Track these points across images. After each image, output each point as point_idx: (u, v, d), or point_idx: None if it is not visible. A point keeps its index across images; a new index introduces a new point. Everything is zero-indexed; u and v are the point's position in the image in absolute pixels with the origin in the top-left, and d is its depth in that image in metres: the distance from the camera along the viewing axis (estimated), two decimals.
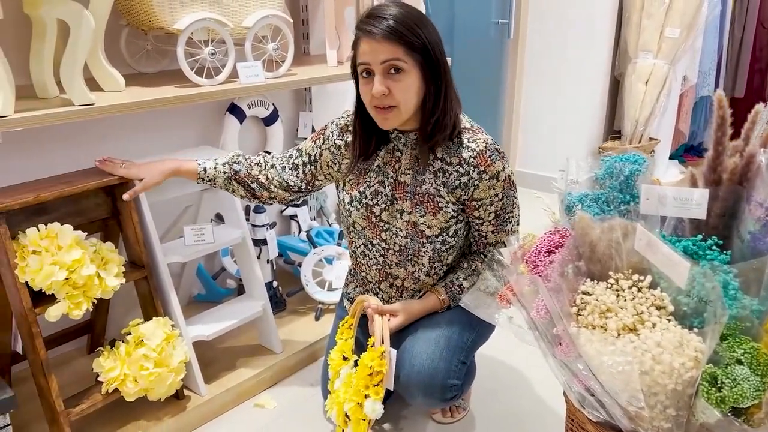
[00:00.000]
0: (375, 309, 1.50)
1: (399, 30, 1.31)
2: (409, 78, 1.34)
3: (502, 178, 1.44)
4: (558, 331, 1.02)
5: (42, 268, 1.37)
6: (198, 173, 1.59)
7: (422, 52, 1.33)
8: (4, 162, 1.64)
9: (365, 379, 1.42)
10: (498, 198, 1.46)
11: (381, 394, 1.41)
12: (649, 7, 3.30)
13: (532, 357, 1.51)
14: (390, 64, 1.32)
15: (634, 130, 3.50)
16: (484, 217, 1.48)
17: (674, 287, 0.97)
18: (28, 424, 1.57)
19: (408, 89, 1.35)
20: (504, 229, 1.51)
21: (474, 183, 1.43)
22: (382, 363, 1.41)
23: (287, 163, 1.62)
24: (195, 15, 1.60)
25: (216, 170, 1.60)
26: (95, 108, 1.41)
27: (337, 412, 1.47)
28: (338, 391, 1.48)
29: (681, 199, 1.03)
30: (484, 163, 1.42)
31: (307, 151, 1.60)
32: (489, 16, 3.50)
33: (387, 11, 1.33)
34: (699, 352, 0.90)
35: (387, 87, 1.34)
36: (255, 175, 1.61)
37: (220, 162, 1.61)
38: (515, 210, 1.52)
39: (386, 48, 1.31)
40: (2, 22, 1.28)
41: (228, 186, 1.62)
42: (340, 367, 1.51)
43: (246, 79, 1.71)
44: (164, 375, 1.53)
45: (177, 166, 1.58)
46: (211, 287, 2.17)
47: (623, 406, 0.96)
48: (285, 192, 1.62)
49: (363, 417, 1.42)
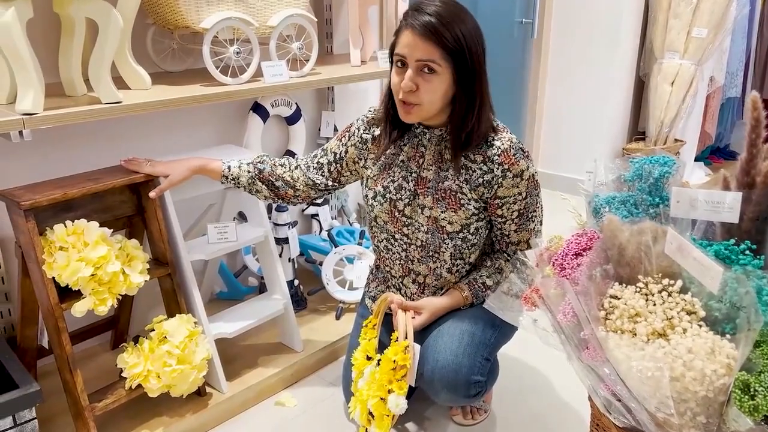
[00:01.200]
0: (399, 304, 1.50)
1: (439, 30, 1.30)
2: (439, 80, 1.34)
3: (526, 177, 1.43)
4: (585, 335, 1.00)
5: (69, 264, 1.39)
6: (222, 172, 1.60)
7: (458, 56, 1.33)
8: (32, 159, 1.67)
9: (389, 373, 1.42)
10: (521, 197, 1.45)
11: (405, 389, 1.41)
12: (676, 6, 3.25)
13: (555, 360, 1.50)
14: (424, 64, 1.33)
15: (659, 132, 3.46)
16: (507, 215, 1.47)
17: (706, 292, 0.95)
18: (53, 418, 1.59)
19: (435, 90, 1.35)
20: (527, 228, 1.50)
21: (498, 181, 1.43)
22: (406, 357, 1.41)
23: (312, 163, 1.63)
24: (221, 14, 1.60)
25: (240, 169, 1.61)
26: (122, 106, 1.43)
27: (360, 410, 1.46)
28: (362, 390, 1.47)
29: (713, 202, 1.01)
30: (509, 162, 1.41)
31: (332, 149, 1.62)
32: (513, 16, 3.47)
33: (432, 7, 1.32)
34: (731, 359, 0.88)
35: (416, 84, 1.34)
36: (280, 174, 1.62)
37: (245, 162, 1.62)
38: (538, 209, 1.51)
39: (424, 47, 1.32)
40: (32, 21, 1.29)
41: (251, 186, 1.63)
42: (364, 367, 1.51)
43: (270, 78, 1.72)
44: (187, 372, 1.54)
45: (202, 165, 1.59)
46: (233, 285, 2.18)
47: (651, 412, 0.95)
48: (311, 190, 1.64)
49: (387, 413, 1.41)
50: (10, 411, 1.32)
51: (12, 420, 1.33)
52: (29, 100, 1.28)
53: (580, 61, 3.50)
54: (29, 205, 1.36)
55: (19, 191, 1.42)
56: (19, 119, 1.27)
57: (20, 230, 1.42)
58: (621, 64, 3.44)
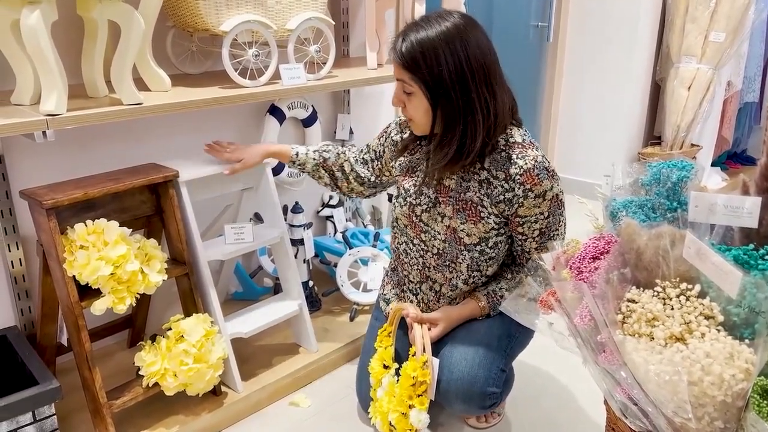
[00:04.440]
0: (414, 318, 1.50)
1: (409, 57, 1.35)
2: (416, 99, 1.39)
3: (549, 197, 1.41)
4: (602, 339, 1.00)
5: (89, 263, 1.41)
6: (291, 156, 1.73)
7: (427, 83, 1.35)
8: (54, 159, 1.69)
9: (408, 389, 1.42)
10: (543, 216, 1.43)
11: (426, 404, 1.41)
12: (693, 10, 3.23)
13: (569, 364, 1.49)
14: (402, 84, 1.40)
15: (676, 136, 3.43)
16: (528, 233, 1.46)
17: (724, 297, 0.95)
18: (72, 414, 1.61)
19: (416, 109, 1.41)
20: (548, 246, 1.47)
21: (518, 200, 1.40)
22: (425, 373, 1.41)
23: (359, 158, 1.73)
24: (240, 17, 1.62)
25: (307, 156, 1.73)
26: (143, 107, 1.45)
27: (381, 421, 1.47)
28: (381, 400, 1.48)
29: (732, 207, 1.01)
30: (531, 182, 1.38)
31: (373, 148, 1.70)
32: (528, 19, 3.47)
33: (412, 33, 1.35)
34: (750, 364, 0.87)
35: (402, 101, 1.42)
36: (340, 163, 1.73)
37: (312, 149, 1.75)
38: (561, 227, 1.48)
39: (397, 70, 1.39)
40: (56, 24, 1.32)
41: (315, 172, 1.74)
42: (382, 376, 1.51)
43: (288, 80, 1.73)
44: (203, 371, 1.56)
45: (275, 149, 1.73)
46: (248, 285, 2.20)
47: (668, 417, 0.94)
48: (360, 186, 1.74)
49: (409, 427, 1.42)
50: (29, 407, 1.34)
51: (32, 416, 1.35)
52: (53, 101, 1.31)
53: (596, 64, 3.48)
54: (51, 204, 1.39)
55: (42, 191, 1.44)
56: (43, 120, 1.29)
57: (42, 229, 1.44)
58: (637, 68, 3.42)
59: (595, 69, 3.49)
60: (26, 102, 1.44)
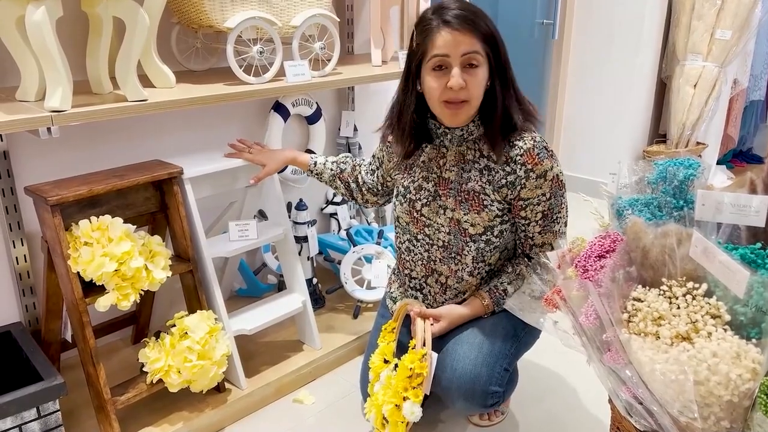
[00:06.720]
0: (418, 312, 1.50)
1: (474, 20, 1.33)
2: (482, 72, 1.37)
3: (550, 177, 1.42)
4: (608, 337, 1.00)
5: (93, 259, 1.41)
6: (309, 166, 1.78)
7: (493, 45, 1.36)
8: (59, 155, 1.69)
9: (404, 381, 1.42)
10: (545, 198, 1.44)
11: (420, 396, 1.41)
12: (699, 8, 3.21)
13: (573, 362, 1.49)
14: (469, 57, 1.34)
15: (681, 134, 3.42)
16: (531, 217, 1.46)
17: (731, 296, 0.94)
18: (76, 410, 1.61)
19: (481, 84, 1.38)
20: (551, 230, 1.48)
21: (521, 182, 1.41)
22: (423, 365, 1.40)
23: (368, 169, 1.74)
24: (245, 14, 1.62)
25: (324, 166, 1.77)
26: (148, 104, 1.44)
27: (375, 414, 1.47)
28: (377, 393, 1.47)
29: (739, 206, 1.00)
30: (532, 161, 1.40)
31: (377, 156, 1.70)
32: (533, 17, 3.46)
33: (456, 4, 1.35)
34: (757, 364, 0.87)
35: (464, 80, 1.35)
36: (355, 175, 1.76)
37: (330, 160, 1.79)
38: (563, 210, 1.49)
39: (466, 39, 1.33)
40: (61, 20, 1.31)
41: (332, 182, 1.78)
42: (381, 370, 1.51)
43: (293, 77, 1.73)
44: (207, 367, 1.56)
45: (293, 157, 1.79)
46: (252, 282, 2.20)
47: (674, 416, 0.94)
48: (374, 196, 1.76)
49: (401, 419, 1.41)
50: (34, 403, 1.35)
51: (36, 411, 1.36)
52: (58, 97, 1.31)
53: (601, 62, 3.47)
54: (56, 200, 1.39)
55: (46, 187, 1.44)
56: (48, 116, 1.29)
57: (47, 225, 1.45)
58: (642, 66, 3.41)
59: (600, 66, 3.48)
60: (31, 98, 1.44)
